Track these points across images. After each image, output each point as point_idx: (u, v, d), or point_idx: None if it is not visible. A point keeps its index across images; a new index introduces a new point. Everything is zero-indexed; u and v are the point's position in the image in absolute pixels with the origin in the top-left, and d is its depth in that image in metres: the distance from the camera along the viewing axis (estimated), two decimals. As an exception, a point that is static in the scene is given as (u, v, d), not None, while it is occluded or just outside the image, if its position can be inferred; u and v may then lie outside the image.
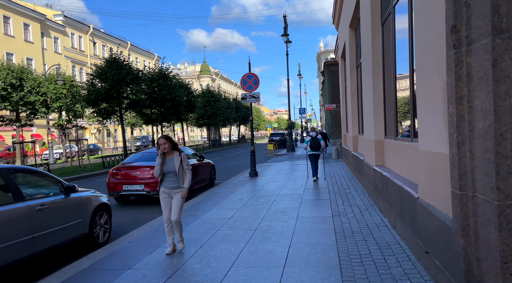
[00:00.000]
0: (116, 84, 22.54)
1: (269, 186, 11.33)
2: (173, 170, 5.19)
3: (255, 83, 14.04)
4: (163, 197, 5.34)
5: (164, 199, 5.34)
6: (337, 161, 18.87)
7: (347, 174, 13.38)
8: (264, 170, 16.37)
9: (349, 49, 13.65)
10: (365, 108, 9.41)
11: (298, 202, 8.41)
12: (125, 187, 9.42)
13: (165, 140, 5.19)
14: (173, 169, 5.19)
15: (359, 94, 12.87)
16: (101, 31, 56.54)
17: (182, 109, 29.54)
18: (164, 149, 5.15)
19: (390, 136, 7.44)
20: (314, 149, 11.78)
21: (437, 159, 3.61)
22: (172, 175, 5.23)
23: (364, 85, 9.53)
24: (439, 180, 3.58)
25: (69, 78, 28.23)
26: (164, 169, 5.22)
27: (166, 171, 5.24)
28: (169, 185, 5.27)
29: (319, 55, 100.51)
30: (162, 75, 28.37)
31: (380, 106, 7.83)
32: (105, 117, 23.73)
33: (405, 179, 5.56)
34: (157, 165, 5.18)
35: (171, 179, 5.25)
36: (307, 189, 10.26)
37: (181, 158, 5.26)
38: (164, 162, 5.20)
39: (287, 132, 31.13)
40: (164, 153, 5.19)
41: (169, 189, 5.28)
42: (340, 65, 19.69)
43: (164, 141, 5.18)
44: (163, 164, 5.20)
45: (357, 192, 9.36)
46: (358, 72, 12.93)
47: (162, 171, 5.23)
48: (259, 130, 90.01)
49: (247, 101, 14.21)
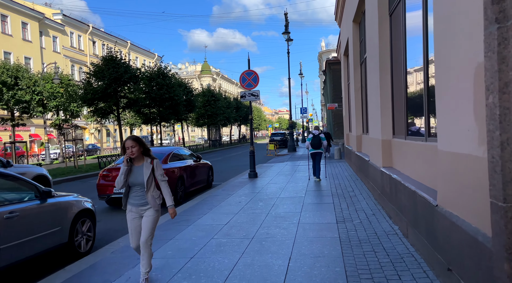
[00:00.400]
0: (113, 83, 22.02)
1: (269, 188, 10.77)
2: (141, 182, 4.00)
3: (254, 80, 13.48)
4: (130, 218, 4.15)
5: (131, 221, 4.15)
6: (340, 162, 18.30)
7: (351, 175, 12.82)
8: (264, 171, 15.81)
9: (352, 45, 13.08)
10: (371, 106, 8.85)
11: (300, 206, 7.85)
12: (115, 189, 8.87)
13: (133, 143, 3.98)
14: (140, 180, 4.00)
15: (363, 91, 12.31)
16: (100, 30, 56.08)
17: (181, 109, 29.00)
18: (132, 154, 3.96)
19: (399, 135, 6.88)
20: (315, 147, 11.70)
21: (464, 161, 3.05)
22: (139, 188, 4.04)
23: (369, 82, 8.97)
24: (466, 186, 3.02)
25: (66, 77, 27.72)
26: (129, 180, 4.03)
27: (132, 182, 4.04)
28: (135, 202, 4.08)
29: (320, 54, 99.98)
30: (161, 74, 27.83)
31: (388, 103, 7.27)
32: (102, 117, 23.20)
33: (418, 183, 5.00)
34: (120, 174, 3.98)
35: (138, 194, 4.06)
36: (309, 192, 9.70)
37: (153, 166, 4.07)
38: (131, 170, 4.03)
39: (288, 132, 30.52)
40: (131, 159, 4.02)
41: (136, 207, 4.09)
42: (343, 63, 19.13)
43: (132, 144, 3.98)
44: (129, 173, 4.02)
45: (362, 195, 8.79)
46: (362, 69, 12.38)
47: (127, 183, 4.05)
48: (260, 130, 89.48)
49: (246, 99, 13.66)
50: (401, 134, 6.78)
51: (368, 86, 9.20)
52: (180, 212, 7.86)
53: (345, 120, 19.29)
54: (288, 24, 29.15)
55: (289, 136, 30.14)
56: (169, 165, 9.59)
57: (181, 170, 9.99)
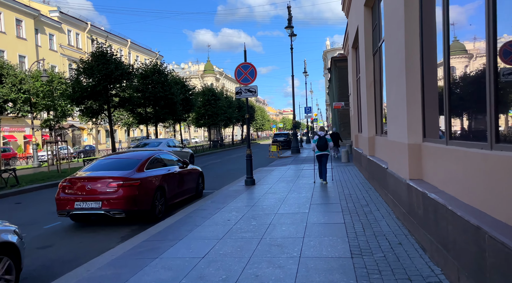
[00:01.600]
0: (103, 80, 20.48)
1: (266, 199, 9.13)
2: None
3: (251, 74, 11.85)
4: None
5: None
6: (348, 165, 16.61)
7: (362, 183, 11.14)
8: (263, 176, 14.16)
9: (364, 34, 11.40)
10: (390, 102, 7.18)
11: (302, 228, 6.20)
12: (77, 204, 7.26)
13: None
14: None
15: (376, 86, 10.65)
16: (99, 28, 54.71)
17: (178, 108, 27.39)
18: None
19: (432, 138, 5.22)
20: (321, 149, 11.20)
21: None
22: None
23: (388, 72, 7.30)
24: None
25: (57, 75, 26.24)
26: None
27: None
28: None
29: (325, 53, 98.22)
30: (157, 71, 26.26)
31: (416, 97, 5.61)
32: (91, 116, 21.66)
33: (478, 211, 3.35)
34: None
35: None
36: (314, 206, 8.04)
37: None
38: None
39: (292, 132, 28.85)
40: None
41: None
42: (351, 57, 17.44)
43: None
44: None
45: (380, 212, 7.13)
46: (375, 60, 10.71)
47: None
48: (264, 130, 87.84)
49: (243, 96, 12.02)
50: (436, 137, 5.13)
51: (387, 76, 7.53)
52: (152, 235, 6.25)
53: (353, 120, 17.60)
54: (291, 18, 27.51)
55: (293, 136, 28.43)
56: (147, 173, 7.97)
57: (162, 179, 8.38)
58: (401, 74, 5.93)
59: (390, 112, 7.25)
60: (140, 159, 8.20)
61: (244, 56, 12.21)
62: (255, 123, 68.60)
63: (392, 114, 7.00)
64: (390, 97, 7.12)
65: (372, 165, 10.07)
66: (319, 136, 11.26)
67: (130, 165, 7.90)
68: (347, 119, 34.34)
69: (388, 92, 7.36)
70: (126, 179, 7.35)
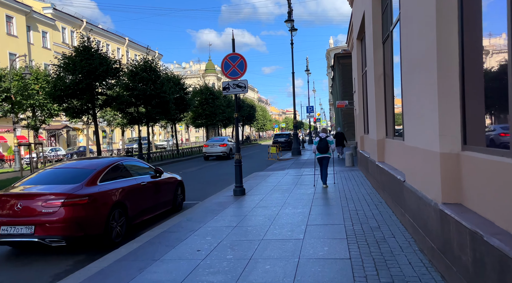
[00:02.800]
0: (86, 77, 18.90)
1: (254, 217, 7.48)
2: None
3: (241, 67, 10.21)
4: None
5: None
6: (352, 170, 14.93)
7: (370, 193, 9.46)
8: (257, 183, 12.51)
9: (372, 19, 9.72)
10: (409, 96, 5.53)
11: (293, 267, 4.55)
12: (3, 229, 5.62)
13: None
14: None
15: (387, 79, 8.98)
16: (96, 26, 53.18)
17: (171, 107, 25.73)
18: None
19: (477, 146, 3.56)
20: (322, 151, 10.69)
21: None
22: None
23: (407, 59, 5.64)
24: None
25: (42, 73, 24.71)
26: None
27: None
28: None
29: (328, 52, 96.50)
30: (148, 67, 24.63)
31: (452, 87, 3.96)
32: (75, 116, 20.09)
33: None
34: None
35: None
36: (311, 227, 6.38)
37: None
38: None
39: (293, 132, 27.19)
40: None
41: None
42: (356, 50, 15.76)
43: None
44: None
45: (396, 239, 5.46)
46: (385, 49, 9.05)
47: None
48: (266, 130, 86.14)
49: (230, 92, 10.39)
50: (480, 143, 3.49)
51: (404, 65, 5.85)
52: (87, 278, 4.61)
53: (359, 120, 15.92)
54: (292, 12, 25.84)
55: (293, 137, 26.75)
56: (100, 187, 6.33)
57: (123, 193, 6.74)
58: (429, 58, 4.27)
59: (409, 109, 5.57)
60: (94, 168, 6.55)
61: (233, 46, 10.56)
62: (256, 123, 66.86)
63: (412, 111, 5.33)
64: (410, 90, 5.45)
65: (383, 173, 8.39)
66: (320, 138, 10.76)
67: (79, 176, 6.27)
68: (351, 118, 32.63)
69: (407, 84, 5.69)
70: (69, 196, 5.72)
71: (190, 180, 16.16)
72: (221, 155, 26.49)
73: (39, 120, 24.82)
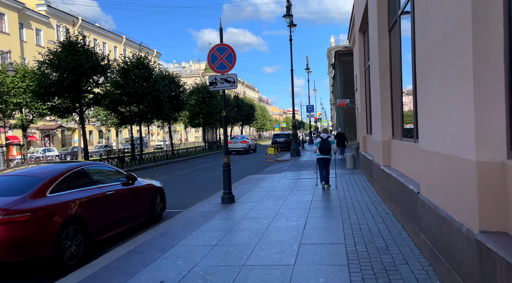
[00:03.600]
0: (72, 74, 17.83)
1: (239, 232, 6.40)
2: None
3: (229, 59, 9.12)
4: None
5: None
6: (354, 173, 13.82)
7: (374, 201, 8.36)
8: (249, 188, 11.42)
9: (376, 6, 8.62)
10: (427, 86, 4.43)
11: (277, 311, 3.45)
12: None
13: None
14: None
15: (394, 72, 7.88)
16: (92, 23, 52.14)
17: (165, 106, 24.64)
18: None
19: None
20: (323, 152, 10.34)
21: None
22: None
23: (423, 41, 4.54)
24: None
25: (30, 70, 23.64)
26: None
27: None
28: None
29: (329, 51, 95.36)
30: (140, 64, 23.54)
31: (497, 72, 2.86)
32: (61, 115, 19.03)
33: None
34: None
35: None
36: (305, 248, 5.28)
37: None
38: None
39: (292, 132, 26.12)
40: None
41: None
42: (358, 44, 14.65)
43: None
44: None
45: (410, 266, 4.36)
46: (392, 38, 7.96)
47: None
48: (266, 130, 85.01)
49: (218, 87, 9.30)
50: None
51: (418, 49, 4.75)
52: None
53: (361, 119, 14.82)
54: (291, 6, 24.73)
55: (293, 138, 25.66)
56: (50, 199, 5.23)
57: (81, 205, 5.66)
58: (458, 35, 3.18)
59: (425, 104, 4.47)
60: (45, 176, 5.46)
61: (220, 36, 9.45)
62: (256, 122, 65.72)
63: (430, 107, 4.24)
64: (426, 81, 4.35)
65: (390, 180, 7.28)
66: (321, 138, 10.41)
67: (24, 187, 5.19)
68: (353, 118, 31.52)
69: (422, 74, 4.59)
70: (6, 212, 4.64)
71: (180, 183, 15.11)
72: (242, 150, 32.30)
73: (26, 120, 23.75)
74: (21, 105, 23.17)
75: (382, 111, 8.44)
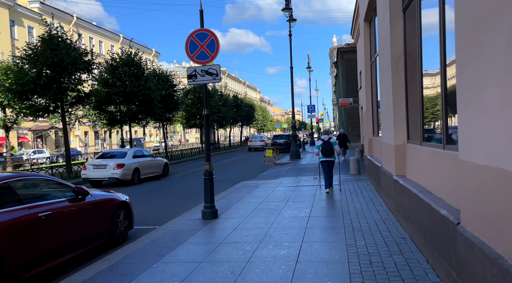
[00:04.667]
0: (51, 70, 16.42)
1: (212, 265, 4.91)
2: None
3: (211, 48, 7.64)
4: None
5: None
6: (359, 180, 12.32)
7: (385, 219, 6.86)
8: (240, 198, 9.94)
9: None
10: (476, 69, 2.93)
11: None
12: None
13: None
14: None
15: (410, 61, 6.39)
16: (87, 21, 50.76)
17: (156, 106, 23.17)
18: None
19: None
20: (326, 155, 9.92)
21: None
22: None
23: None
24: None
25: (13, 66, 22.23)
26: None
27: None
28: None
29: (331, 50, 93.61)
30: (130, 61, 22.09)
31: None
32: (40, 115, 17.61)
33: None
34: None
35: None
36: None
37: None
38: None
39: (291, 134, 24.63)
40: None
41: None
42: (363, 35, 13.14)
43: None
44: None
45: None
46: (407, 19, 6.47)
47: None
48: (268, 131, 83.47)
49: (198, 81, 7.83)
50: None
51: (458, 15, 3.25)
52: None
53: (366, 119, 13.30)
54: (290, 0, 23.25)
55: (292, 139, 24.16)
56: None
57: None
58: None
59: (474, 93, 2.97)
60: None
61: (201, 20, 7.93)
62: (256, 123, 64.13)
63: (484, 97, 2.73)
64: (476, 62, 2.85)
65: (407, 196, 5.77)
66: (323, 140, 10.01)
67: None
68: (355, 118, 30.00)
69: (466, 52, 3.09)
70: None
71: (164, 191, 13.63)
72: (260, 147, 37.09)
73: (9, 120, 22.34)
74: (3, 104, 21.79)
75: (395, 109, 6.95)
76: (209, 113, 29.40)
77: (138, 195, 12.36)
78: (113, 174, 14.44)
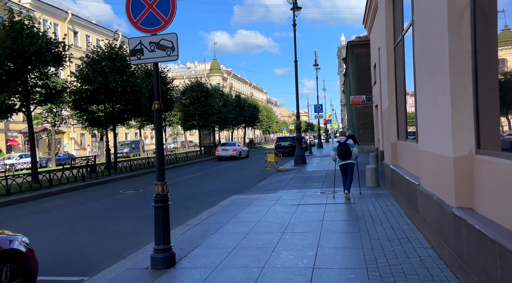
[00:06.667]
0: (11, 61, 14.00)
1: None
2: None
3: (164, 8, 5.02)
4: None
5: None
6: (379, 196, 9.60)
7: (430, 269, 4.14)
8: (221, 224, 7.28)
9: None
10: None
11: None
12: None
13: None
14: None
15: (479, 18, 3.70)
16: (83, 19, 48.57)
17: (144, 104, 20.63)
18: None
19: None
20: (343, 157, 9.36)
21: None
22: None
23: None
24: None
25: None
26: None
27: None
28: None
29: (340, 49, 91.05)
30: (114, 54, 19.57)
31: None
32: (2, 116, 15.17)
33: None
34: None
35: None
36: None
37: None
38: None
39: (296, 136, 21.93)
40: None
41: None
42: (386, 13, 10.39)
43: None
44: None
45: None
46: None
47: None
48: (273, 132, 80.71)
49: (145, 59, 5.21)
50: None
51: None
52: None
53: (388, 117, 10.52)
54: (295, -15, 20.61)
55: (297, 142, 21.46)
56: None
57: None
58: None
59: None
60: None
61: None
62: (260, 124, 61.40)
63: None
64: None
65: (488, 251, 3.06)
66: (339, 142, 9.58)
67: None
68: (368, 119, 27.19)
69: None
70: None
71: (131, 208, 10.80)
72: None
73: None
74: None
75: (454, 99, 4.26)
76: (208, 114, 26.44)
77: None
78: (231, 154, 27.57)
